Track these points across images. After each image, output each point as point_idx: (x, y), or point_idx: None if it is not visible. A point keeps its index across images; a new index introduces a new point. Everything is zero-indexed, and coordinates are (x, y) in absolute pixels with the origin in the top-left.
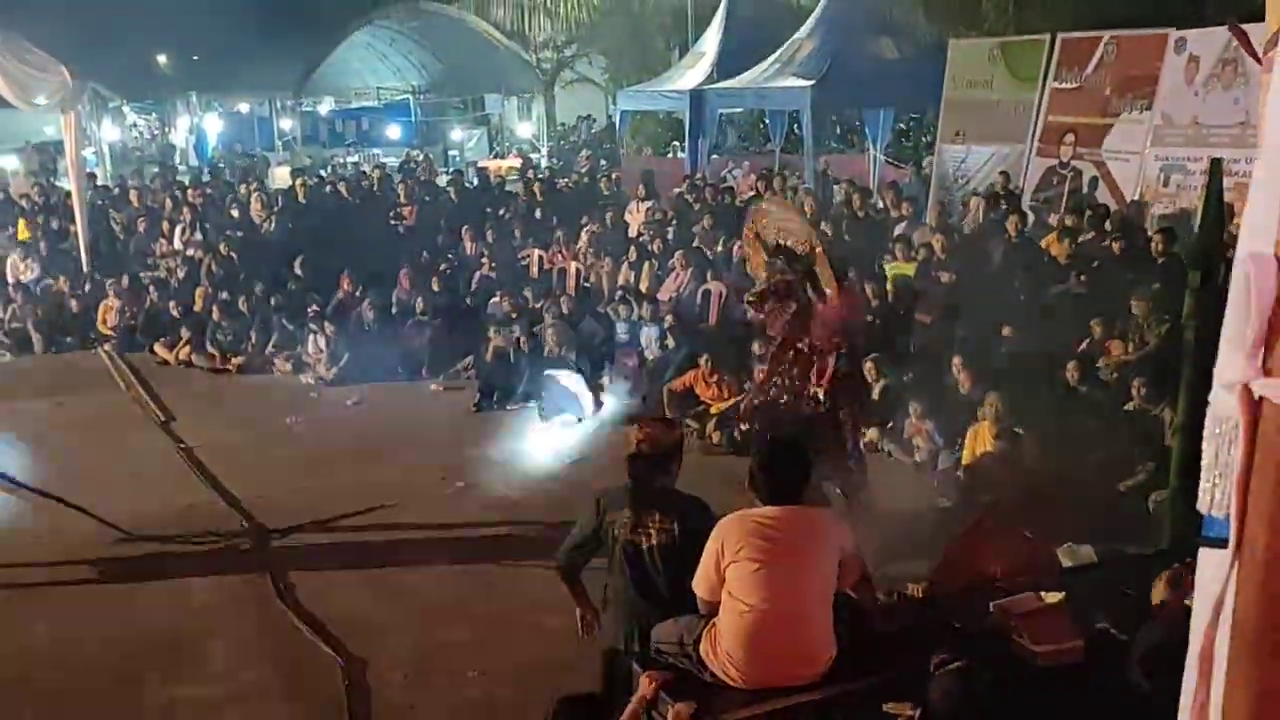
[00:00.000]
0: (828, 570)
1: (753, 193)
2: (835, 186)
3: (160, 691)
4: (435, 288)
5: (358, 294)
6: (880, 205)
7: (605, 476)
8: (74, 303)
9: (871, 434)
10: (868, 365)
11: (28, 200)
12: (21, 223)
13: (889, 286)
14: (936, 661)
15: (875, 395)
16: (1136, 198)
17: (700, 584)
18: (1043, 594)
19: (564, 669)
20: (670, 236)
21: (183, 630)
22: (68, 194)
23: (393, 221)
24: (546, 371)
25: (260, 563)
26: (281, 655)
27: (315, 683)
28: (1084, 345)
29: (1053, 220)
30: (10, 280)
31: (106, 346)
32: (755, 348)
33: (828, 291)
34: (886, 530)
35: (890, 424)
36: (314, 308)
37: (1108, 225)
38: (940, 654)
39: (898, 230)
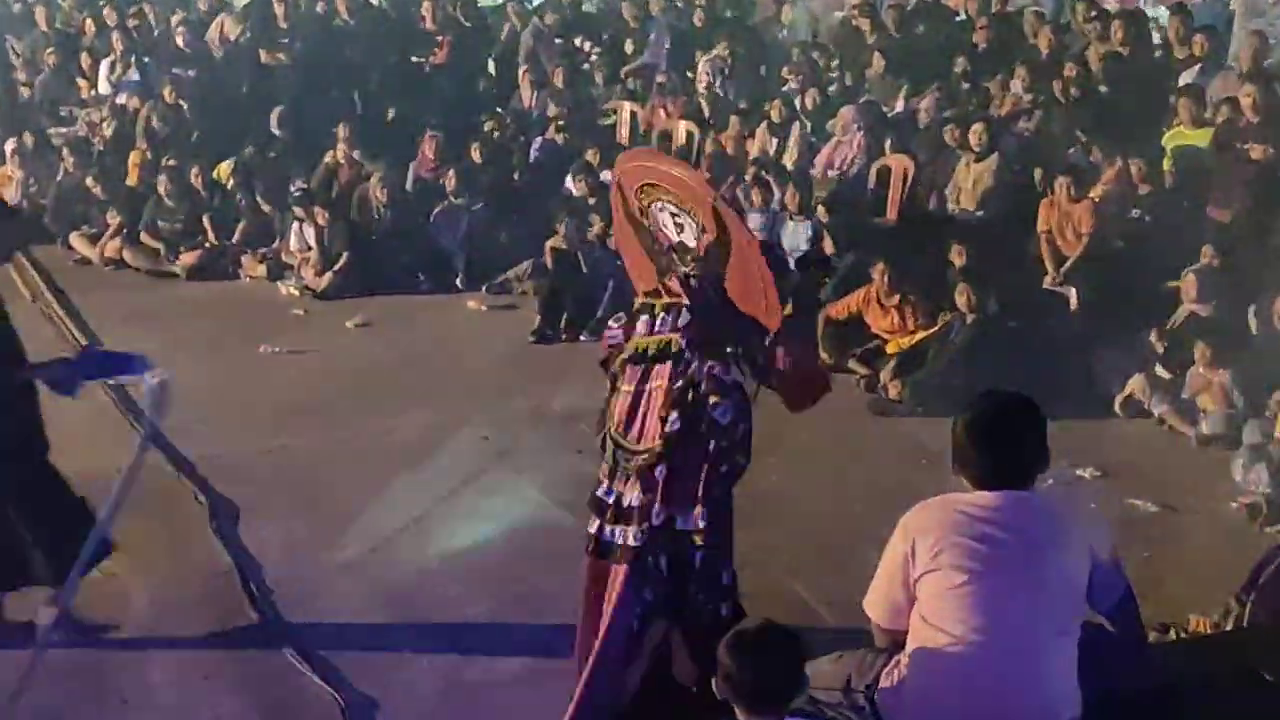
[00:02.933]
0: (1074, 588)
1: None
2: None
3: None
4: (476, 158)
5: (362, 165)
6: (1157, 40)
7: None
8: None
9: (1134, 385)
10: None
11: None
12: None
13: (1168, 165)
14: None
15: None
16: None
17: (877, 603)
18: None
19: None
20: (831, 85)
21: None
22: None
23: (415, 59)
24: None
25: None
26: (259, 689)
27: None
28: None
29: None
30: None
31: None
32: (956, 255)
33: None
34: (1151, 536)
35: (1163, 373)
36: (299, 184)
37: None
38: None
39: (1184, 79)
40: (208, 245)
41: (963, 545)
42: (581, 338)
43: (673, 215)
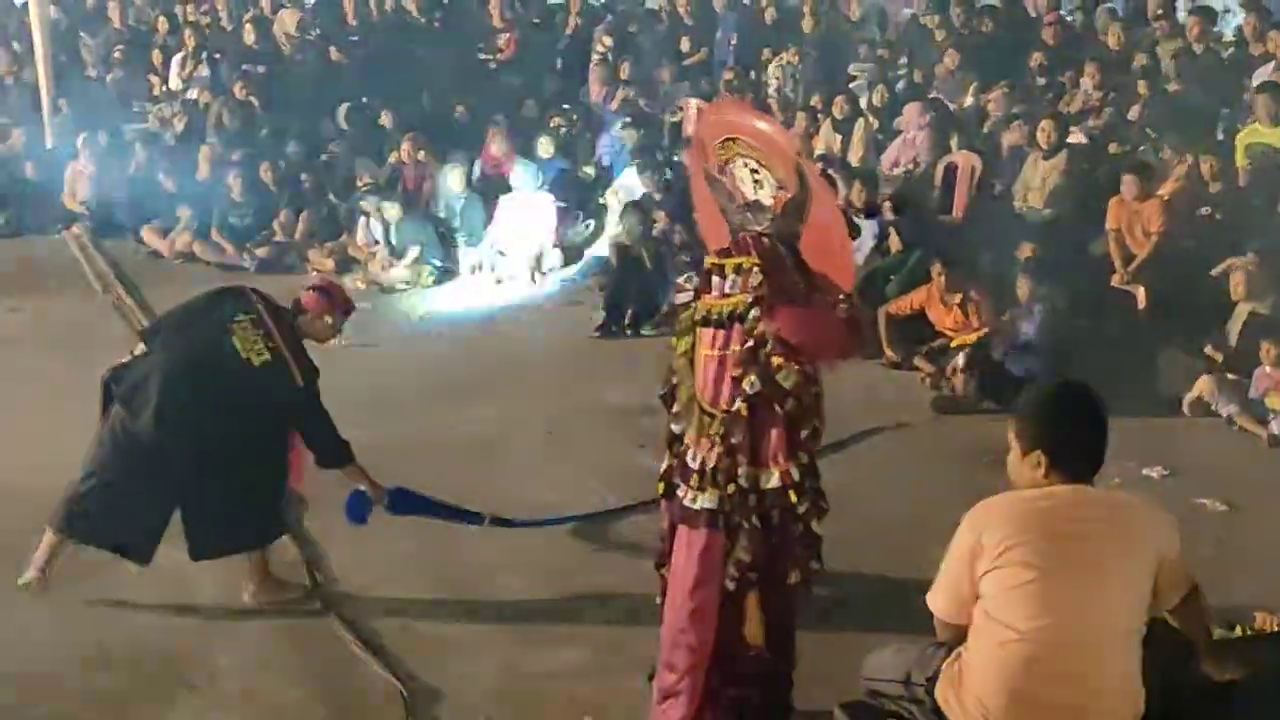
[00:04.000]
0: (1141, 585)
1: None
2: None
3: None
4: (544, 153)
5: (427, 165)
6: (1229, 35)
7: None
8: (30, 166)
9: (1202, 385)
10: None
11: None
12: None
13: (1240, 162)
14: None
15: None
16: None
17: (941, 596)
18: None
19: None
20: (899, 81)
21: (187, 641)
22: (24, 7)
23: (482, 55)
24: None
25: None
26: (324, 674)
27: (370, 715)
28: None
29: None
30: None
31: (76, 229)
32: (1024, 252)
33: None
34: (1219, 536)
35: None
36: (366, 178)
37: None
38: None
39: (1261, 75)
40: (277, 239)
41: (1030, 542)
42: (644, 332)
43: (752, 172)
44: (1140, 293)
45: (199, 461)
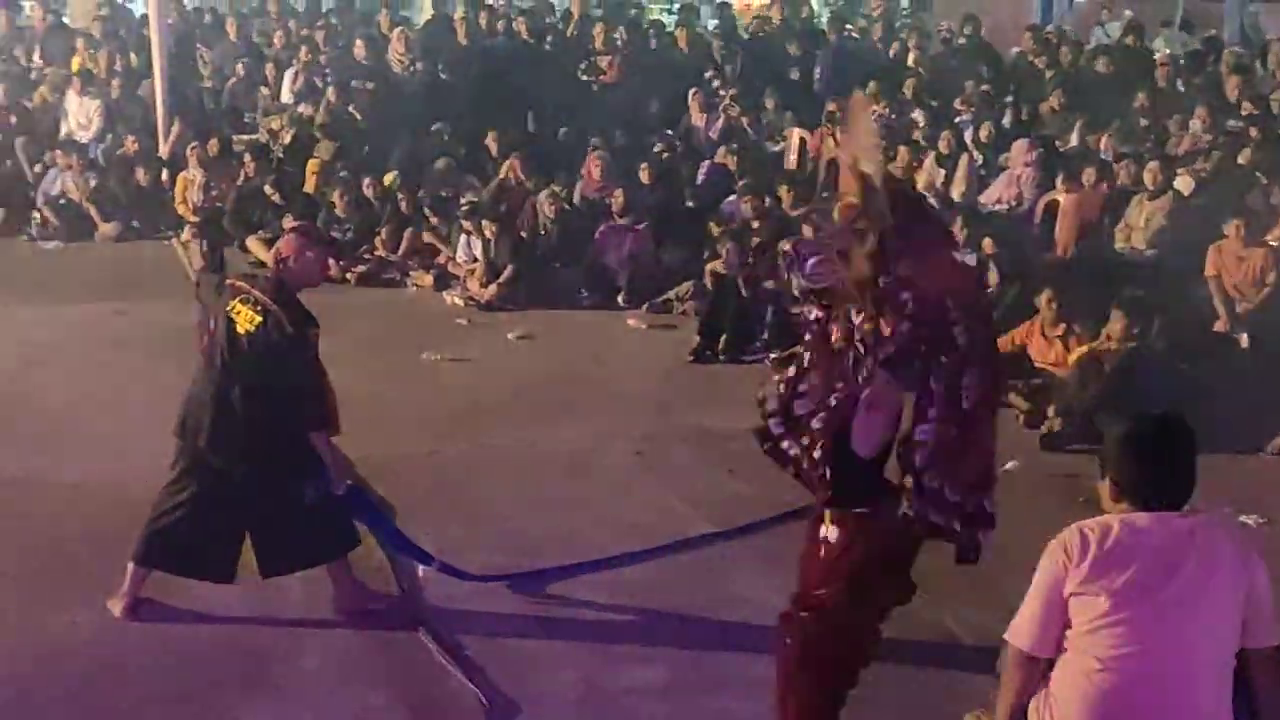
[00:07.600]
0: (1228, 617)
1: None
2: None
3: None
4: (644, 179)
5: (530, 181)
6: None
7: None
8: (142, 172)
9: None
10: None
11: (95, 26)
12: (77, 59)
13: None
14: None
15: None
16: None
17: (1027, 628)
18: None
19: None
20: (1006, 118)
21: (272, 644)
22: (144, 19)
23: (585, 78)
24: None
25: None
26: (406, 682)
27: None
28: None
29: None
30: (62, 134)
31: (184, 235)
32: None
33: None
34: None
35: None
36: (469, 197)
37: None
38: None
39: None
40: (377, 254)
41: (1113, 570)
42: (743, 358)
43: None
44: (1243, 339)
45: (259, 476)
